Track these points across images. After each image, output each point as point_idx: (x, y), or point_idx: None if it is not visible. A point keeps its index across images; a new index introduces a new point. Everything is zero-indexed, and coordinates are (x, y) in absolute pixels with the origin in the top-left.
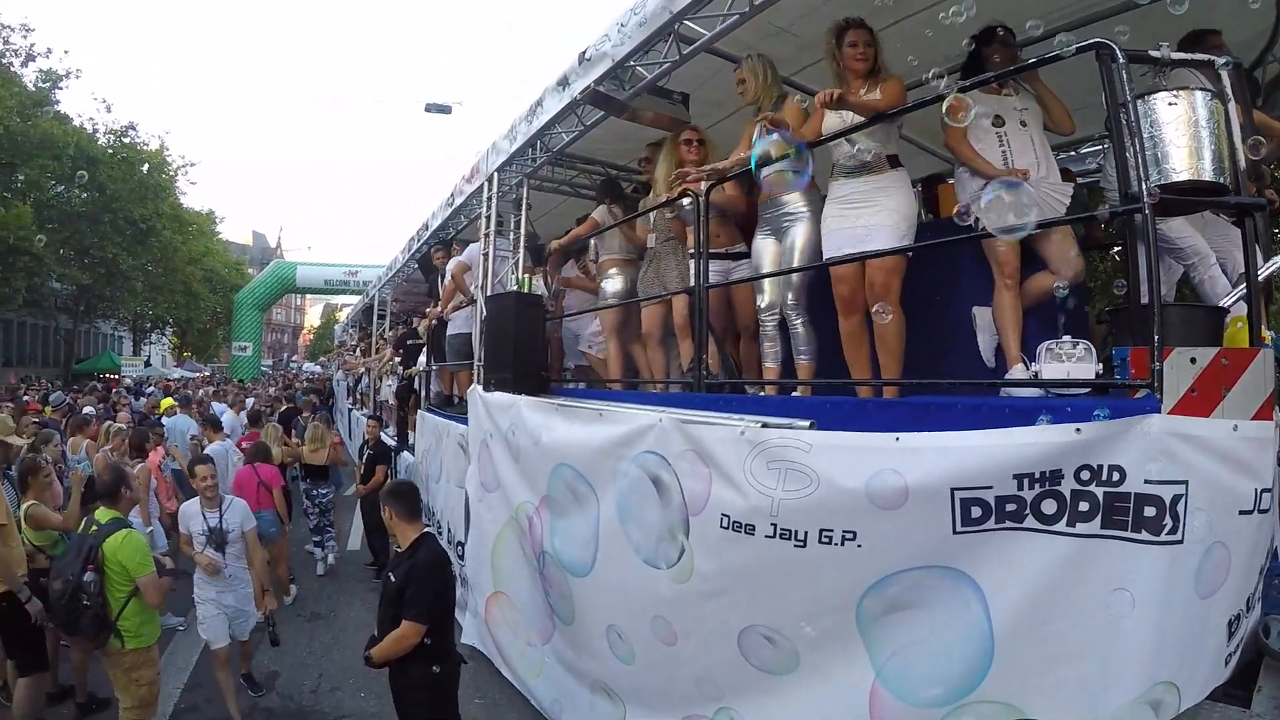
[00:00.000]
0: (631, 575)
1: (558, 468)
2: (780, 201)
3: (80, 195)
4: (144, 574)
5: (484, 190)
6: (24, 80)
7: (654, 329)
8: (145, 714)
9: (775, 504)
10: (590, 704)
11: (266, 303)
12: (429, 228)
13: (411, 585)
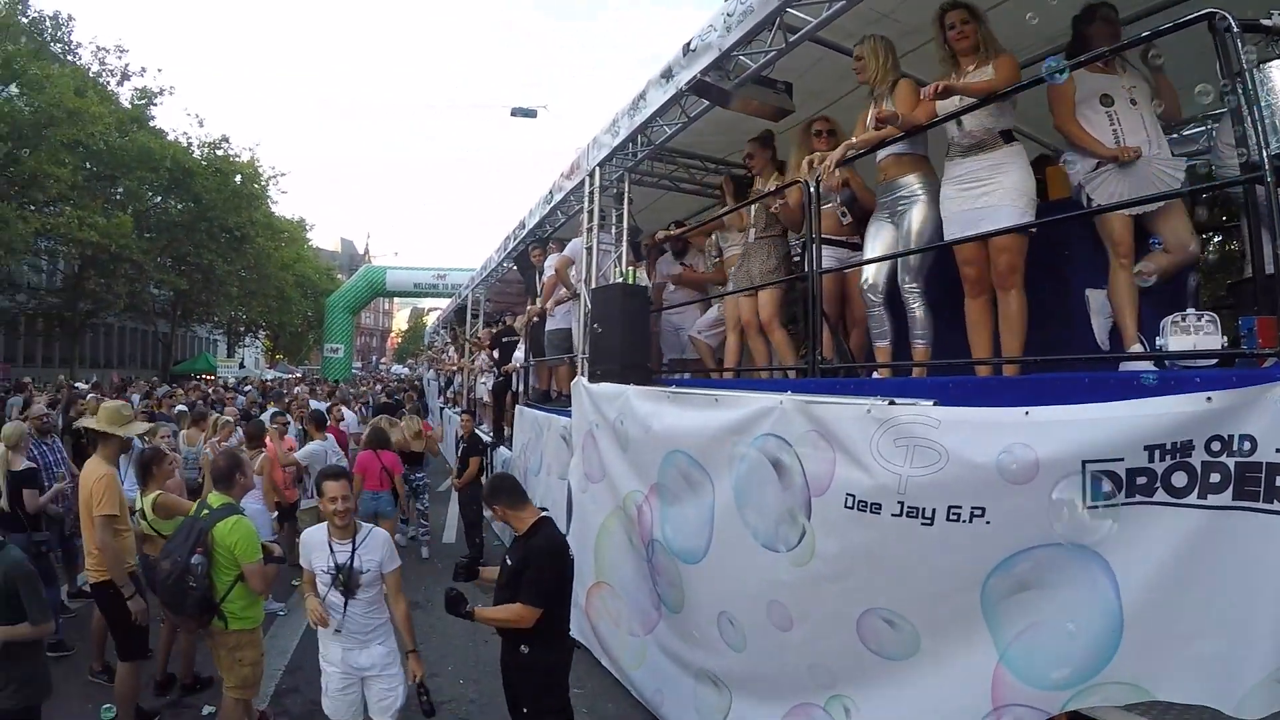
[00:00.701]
0: (748, 560)
1: (670, 455)
2: (896, 184)
3: (176, 206)
4: (251, 560)
5: (585, 185)
6: (121, 98)
7: (751, 319)
8: (247, 694)
9: (903, 481)
10: (694, 693)
11: (357, 306)
12: (526, 226)
13: (527, 570)
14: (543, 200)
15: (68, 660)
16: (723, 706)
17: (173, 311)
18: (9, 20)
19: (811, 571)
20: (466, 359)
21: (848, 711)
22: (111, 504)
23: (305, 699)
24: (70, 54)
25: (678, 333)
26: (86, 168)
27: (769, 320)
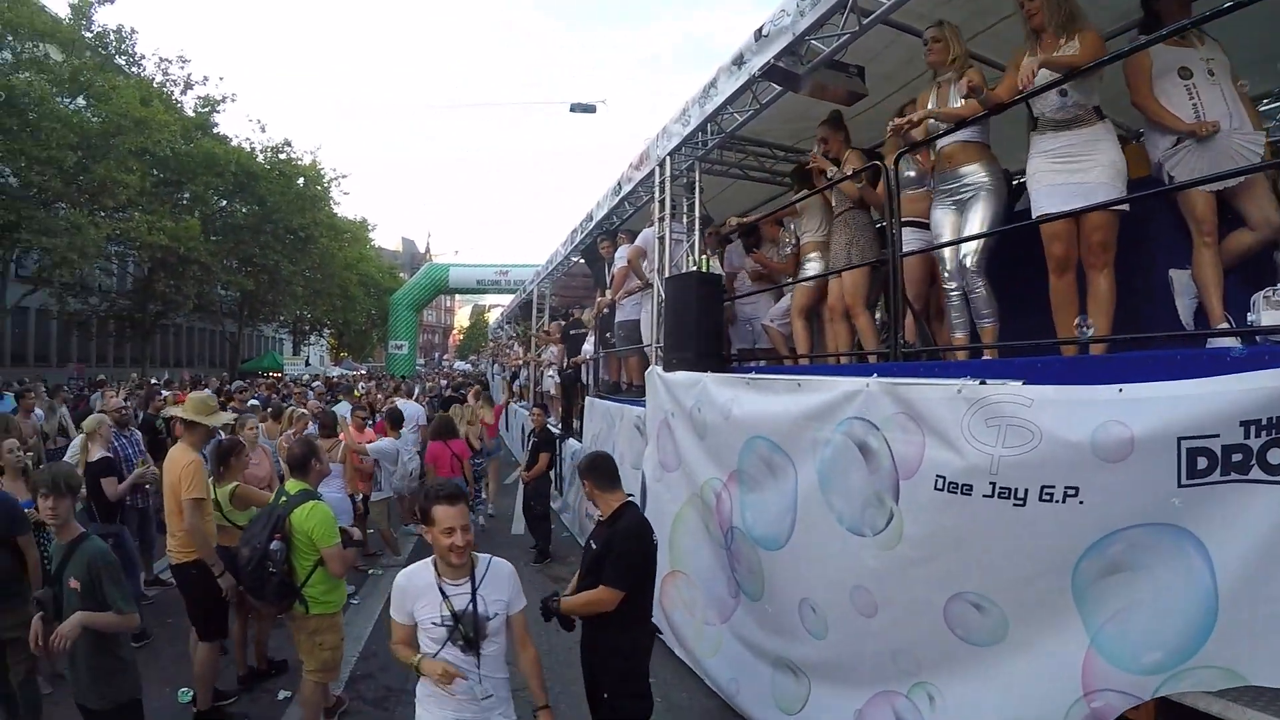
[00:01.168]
0: (832, 545)
1: (750, 441)
2: (959, 173)
3: (242, 209)
4: (328, 545)
5: (655, 175)
6: (185, 107)
7: (838, 302)
8: (327, 678)
9: (994, 461)
10: (771, 681)
11: (421, 303)
12: (593, 218)
13: (611, 552)
14: (610, 192)
15: (147, 647)
16: (801, 695)
17: (240, 311)
18: (73, 35)
19: (898, 556)
20: (533, 353)
21: (932, 699)
22: (199, 488)
23: (380, 685)
24: (134, 65)
25: (750, 323)
26: (154, 174)
27: (854, 304)
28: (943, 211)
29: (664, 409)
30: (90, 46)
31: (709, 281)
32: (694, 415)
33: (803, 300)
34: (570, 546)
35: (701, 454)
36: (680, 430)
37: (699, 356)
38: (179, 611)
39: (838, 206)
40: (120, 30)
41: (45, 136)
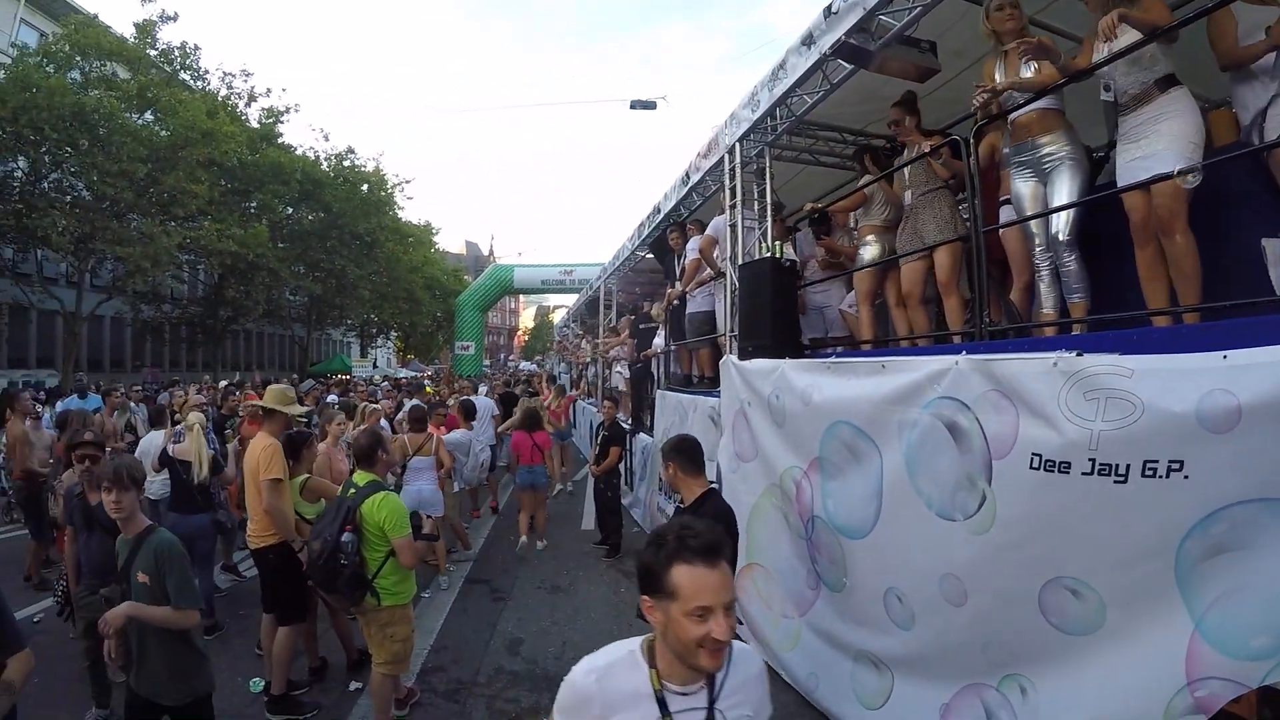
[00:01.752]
0: (920, 531)
1: (833, 426)
2: (1037, 143)
3: (308, 216)
4: (399, 535)
5: (725, 162)
6: (249, 118)
7: (915, 288)
8: (397, 670)
9: (1094, 436)
10: (851, 675)
11: (486, 304)
12: (661, 210)
13: None
14: (678, 183)
15: (219, 637)
16: (884, 689)
17: (308, 316)
18: (139, 53)
19: (991, 540)
20: (601, 349)
21: (1024, 691)
22: (277, 469)
23: (451, 678)
24: (199, 80)
25: (821, 312)
26: (222, 184)
27: (948, 281)
28: (1023, 183)
29: (740, 398)
30: (155, 64)
31: (783, 267)
32: (772, 403)
33: (864, 286)
34: (641, 542)
35: (780, 442)
36: (757, 419)
37: (775, 343)
38: (252, 603)
39: (921, 187)
40: (184, 47)
41: (116, 150)
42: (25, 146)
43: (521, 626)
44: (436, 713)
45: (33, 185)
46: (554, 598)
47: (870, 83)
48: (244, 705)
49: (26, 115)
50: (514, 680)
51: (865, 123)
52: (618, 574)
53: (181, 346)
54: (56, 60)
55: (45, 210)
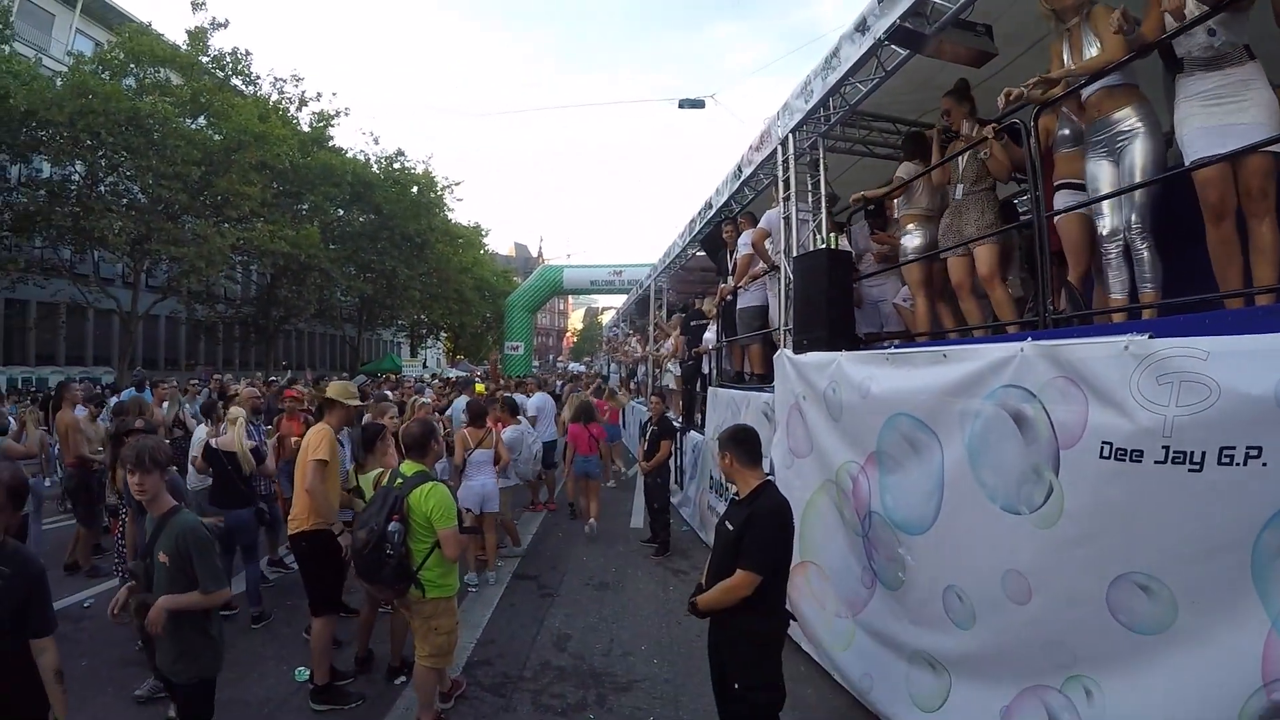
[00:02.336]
0: (983, 526)
1: (892, 419)
2: (1111, 120)
3: (359, 218)
4: (445, 527)
5: (778, 154)
6: (300, 122)
7: (965, 279)
8: (441, 663)
9: (1167, 423)
10: (907, 677)
11: (535, 305)
12: (713, 205)
13: (749, 533)
14: (730, 177)
15: (266, 627)
16: (940, 691)
17: (359, 316)
18: (192, 60)
19: (1058, 534)
20: (651, 347)
21: (1089, 694)
22: (325, 452)
23: (497, 671)
24: (250, 85)
25: (876, 306)
26: (274, 186)
27: (989, 275)
28: (1096, 164)
29: (794, 393)
30: (208, 70)
31: (839, 259)
32: (828, 396)
33: (915, 275)
34: (690, 541)
35: (836, 437)
36: (812, 414)
37: (831, 336)
38: (299, 594)
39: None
40: (235, 53)
41: (171, 154)
42: (82, 151)
43: (569, 623)
44: (482, 706)
45: (90, 188)
46: (602, 594)
47: (924, 70)
48: (289, 694)
49: (83, 120)
50: (560, 676)
51: (919, 112)
52: (666, 572)
53: (235, 345)
54: (111, 67)
55: (102, 212)
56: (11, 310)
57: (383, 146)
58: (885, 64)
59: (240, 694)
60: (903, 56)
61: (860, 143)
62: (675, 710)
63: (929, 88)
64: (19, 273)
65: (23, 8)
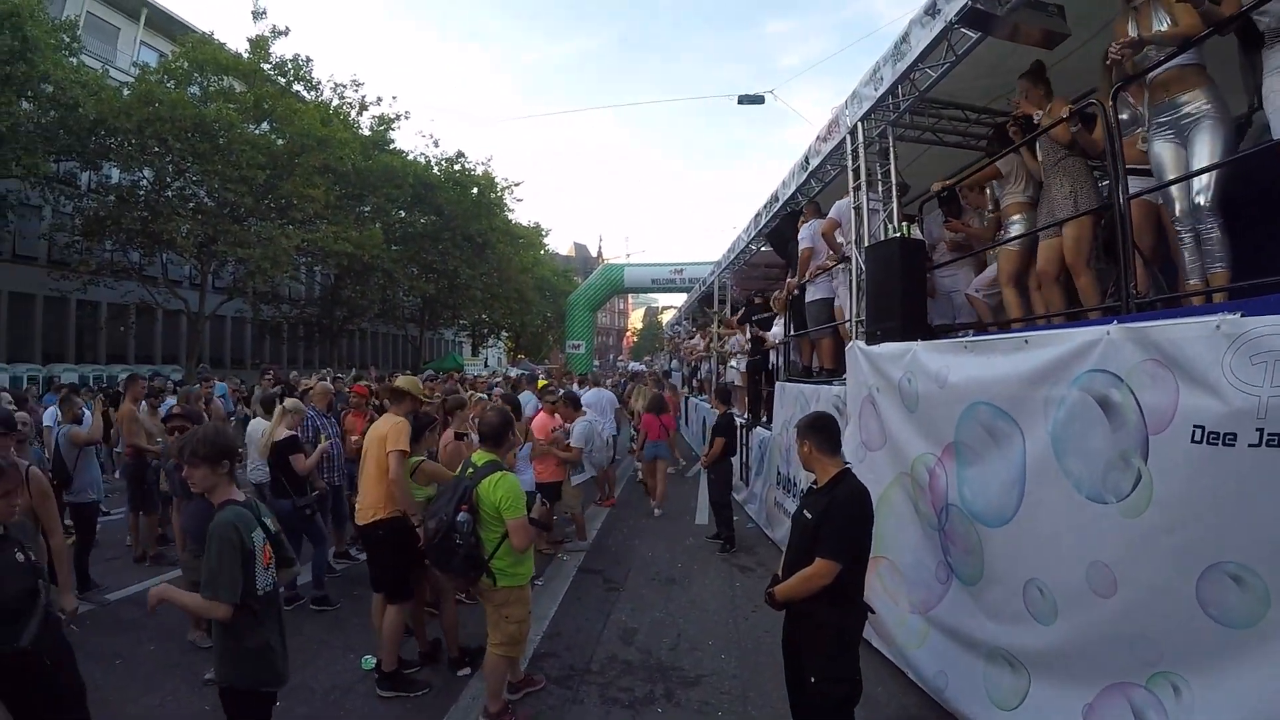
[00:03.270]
0: (1067, 516)
1: (971, 408)
2: (1177, 102)
3: (420, 220)
4: (513, 517)
5: (846, 144)
6: (361, 126)
7: (1050, 266)
8: (512, 652)
9: (1261, 404)
10: (984, 675)
11: (597, 303)
12: (779, 199)
13: (829, 521)
14: (797, 168)
15: (331, 614)
16: (1019, 689)
17: (421, 316)
18: (253, 67)
19: (1145, 523)
20: (715, 343)
21: (1176, 690)
22: (405, 443)
23: (563, 664)
24: (312, 90)
25: (949, 297)
26: (337, 189)
27: (1077, 261)
28: (1162, 145)
29: (867, 385)
30: (269, 77)
31: (912, 248)
32: (903, 387)
33: (1011, 266)
34: (756, 538)
35: (912, 429)
36: (886, 406)
37: (905, 326)
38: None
39: (1050, 157)
40: (296, 59)
41: (236, 158)
42: (150, 157)
43: (635, 616)
44: (549, 698)
45: (158, 193)
46: (668, 589)
47: (994, 54)
48: (354, 681)
49: (151, 128)
50: (627, 669)
51: (989, 98)
52: (732, 568)
53: (299, 345)
54: (176, 76)
55: (170, 216)
56: (83, 311)
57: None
58: (956, 48)
59: (306, 680)
60: (973, 40)
61: (929, 131)
62: (744, 706)
63: (999, 73)
64: (90, 275)
65: (89, 21)
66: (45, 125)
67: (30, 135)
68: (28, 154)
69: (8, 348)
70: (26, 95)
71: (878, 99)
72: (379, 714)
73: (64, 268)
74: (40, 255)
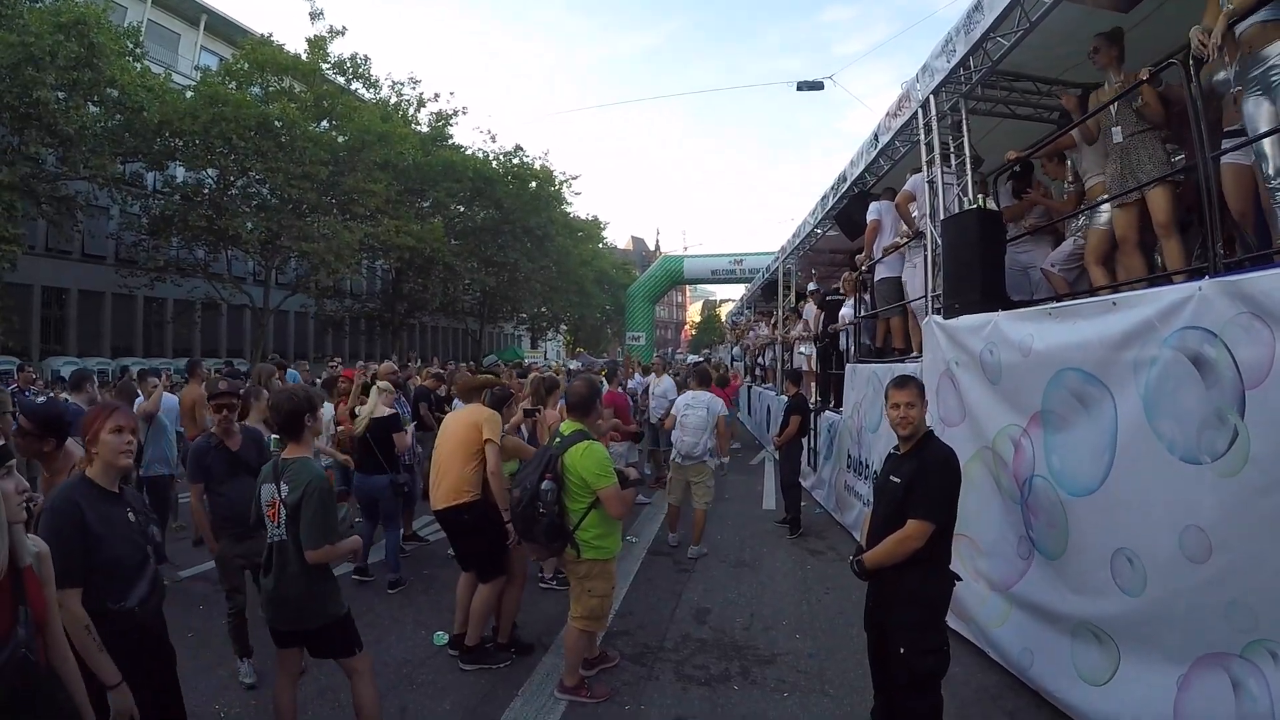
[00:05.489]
0: (1159, 480)
1: (1058, 374)
2: (1263, 56)
3: (480, 214)
4: (603, 485)
5: (919, 117)
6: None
7: (1130, 232)
8: (593, 626)
9: None
10: (1070, 651)
11: (656, 295)
12: (847, 178)
13: (920, 482)
14: (866, 145)
15: (402, 592)
16: (1109, 663)
17: (481, 309)
18: (313, 66)
19: (1242, 482)
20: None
21: (1275, 657)
22: (498, 434)
23: (637, 642)
24: (371, 88)
25: (1026, 273)
26: (397, 184)
27: (1166, 223)
28: (1254, 102)
29: (945, 359)
30: (328, 76)
31: (990, 219)
32: (984, 359)
33: (1099, 243)
34: (825, 522)
35: (995, 401)
36: (966, 379)
37: (985, 298)
38: (435, 563)
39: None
40: (355, 58)
41: (299, 155)
42: (215, 156)
43: (707, 597)
44: (624, 674)
45: (222, 192)
46: (739, 571)
47: (1068, 22)
48: (427, 656)
49: (216, 128)
50: (702, 647)
51: (1061, 69)
52: (802, 551)
53: (361, 339)
54: (238, 78)
55: (235, 213)
56: (150, 307)
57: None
58: (1030, 13)
59: (380, 654)
60: (1047, 5)
61: (1002, 103)
62: (820, 683)
63: (1073, 41)
64: (157, 272)
65: (150, 29)
66: (112, 129)
67: (97, 138)
68: (95, 156)
69: (78, 342)
70: (93, 100)
71: (950, 71)
72: (453, 685)
73: (131, 266)
74: (108, 254)
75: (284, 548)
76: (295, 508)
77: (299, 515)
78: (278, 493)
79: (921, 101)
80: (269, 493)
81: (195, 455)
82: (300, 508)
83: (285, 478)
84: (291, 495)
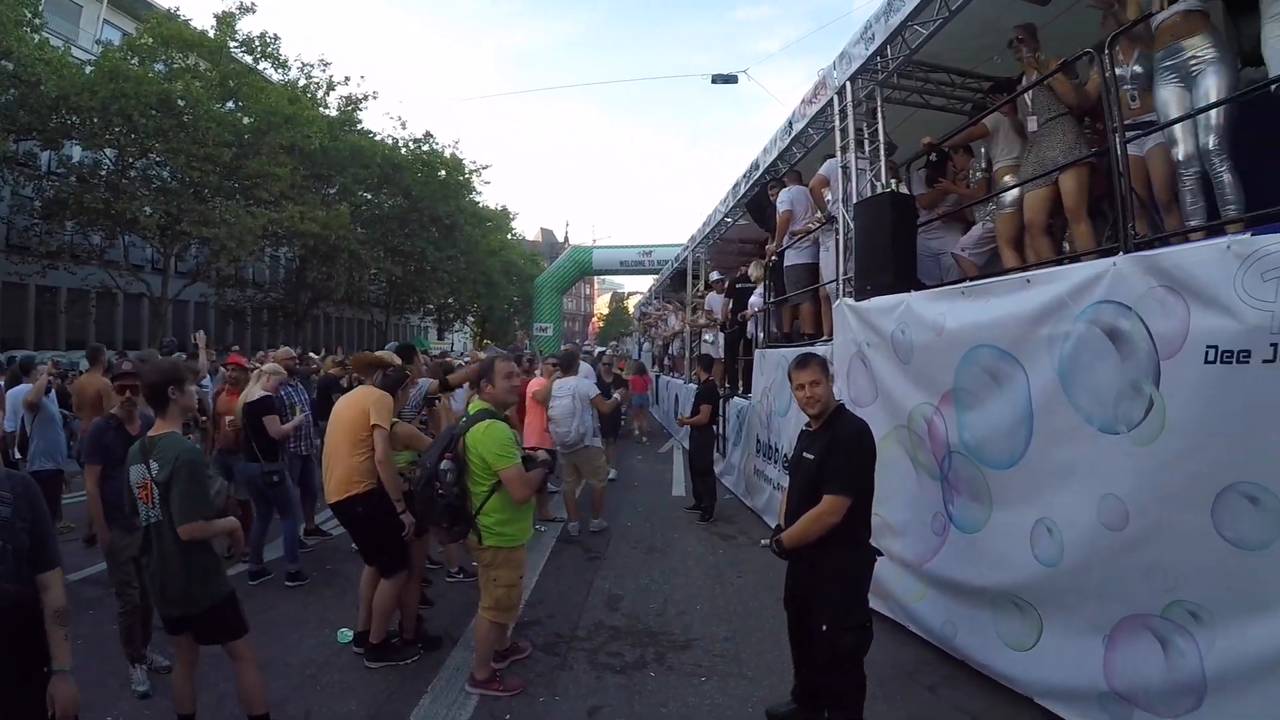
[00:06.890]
0: (1078, 451)
1: (971, 353)
2: (1180, 46)
3: (387, 201)
4: (504, 465)
5: (834, 104)
6: (329, 106)
7: (1038, 216)
8: (502, 617)
9: (1275, 318)
10: (993, 620)
11: (564, 286)
12: (759, 166)
13: (833, 457)
14: (780, 133)
15: (305, 589)
16: (1032, 629)
17: (387, 300)
18: (220, 44)
19: (1159, 449)
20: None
21: (1195, 617)
22: (387, 420)
23: (548, 631)
24: (279, 69)
25: (937, 258)
26: (303, 170)
27: (1076, 207)
28: (1168, 91)
29: (855, 341)
30: (235, 55)
31: (902, 203)
32: (896, 340)
33: (1009, 228)
34: (735, 508)
35: (907, 381)
36: (878, 360)
37: (897, 279)
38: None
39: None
40: (264, 36)
41: (202, 135)
42: (114, 135)
43: (620, 584)
44: (536, 665)
45: (120, 173)
46: (650, 558)
47: (987, 13)
48: (331, 655)
49: (115, 104)
50: (615, 635)
51: (977, 62)
52: (713, 536)
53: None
54: (141, 53)
55: (133, 196)
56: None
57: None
58: (949, 3)
59: (282, 655)
60: None
61: (917, 93)
62: (738, 666)
63: (992, 32)
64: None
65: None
66: (5, 103)
67: None
68: None
69: None
70: None
71: (867, 58)
72: (359, 683)
73: (24, 252)
74: None
75: (160, 529)
76: (166, 485)
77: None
78: (148, 472)
79: (838, 88)
80: (138, 474)
81: (94, 434)
82: (170, 484)
83: (154, 455)
84: (162, 473)
